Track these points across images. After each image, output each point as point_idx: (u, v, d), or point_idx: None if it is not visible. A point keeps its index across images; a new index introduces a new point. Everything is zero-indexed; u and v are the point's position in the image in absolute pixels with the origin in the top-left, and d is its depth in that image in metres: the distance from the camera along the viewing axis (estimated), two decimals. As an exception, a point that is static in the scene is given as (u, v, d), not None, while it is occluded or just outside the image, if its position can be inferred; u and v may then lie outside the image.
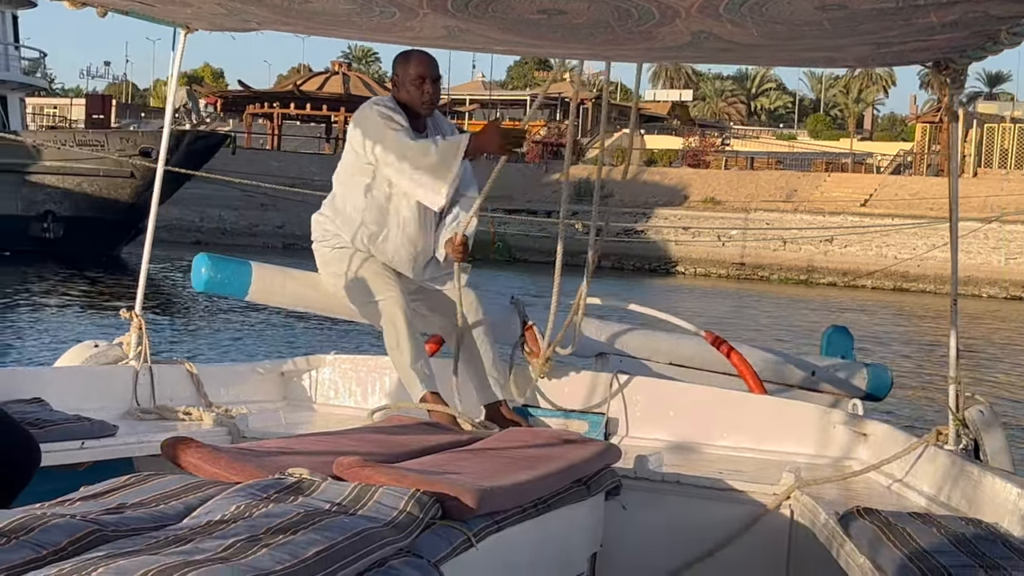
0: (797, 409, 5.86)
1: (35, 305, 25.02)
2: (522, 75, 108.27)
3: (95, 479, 3.43)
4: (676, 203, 52.13)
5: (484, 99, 77.91)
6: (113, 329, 6.07)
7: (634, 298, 6.55)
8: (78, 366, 5.76)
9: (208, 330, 20.98)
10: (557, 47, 4.94)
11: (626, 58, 5.28)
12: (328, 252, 5.91)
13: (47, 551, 2.62)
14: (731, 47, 4.36)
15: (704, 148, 63.24)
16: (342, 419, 5.95)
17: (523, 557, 3.98)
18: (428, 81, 5.70)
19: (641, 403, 5.97)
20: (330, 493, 3.30)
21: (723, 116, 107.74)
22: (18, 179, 37.49)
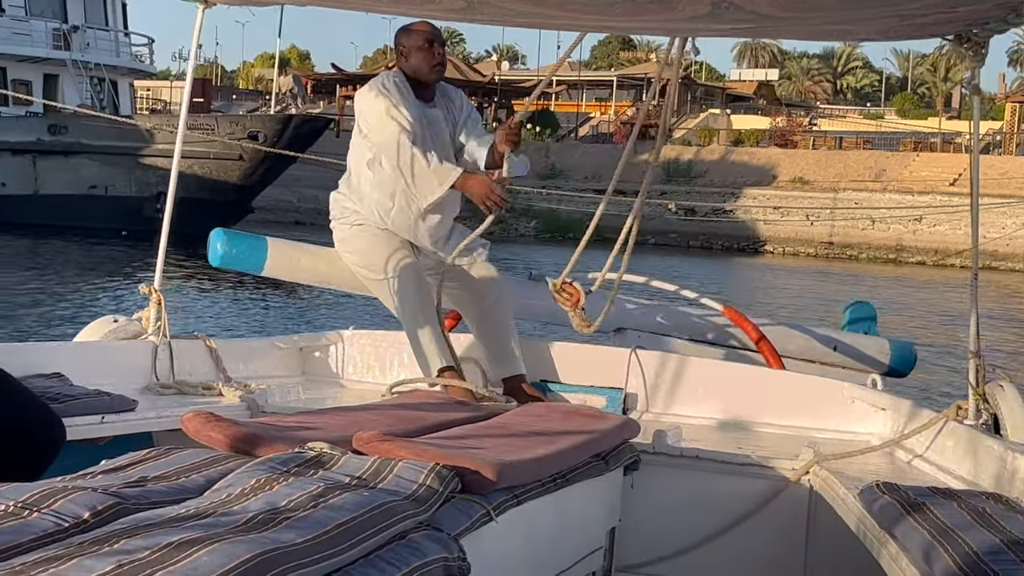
0: (817, 384, 5.85)
1: (56, 280, 25.15)
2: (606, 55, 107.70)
3: (115, 454, 3.44)
4: (765, 183, 52.16)
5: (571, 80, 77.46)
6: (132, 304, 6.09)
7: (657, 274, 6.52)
8: (97, 341, 5.78)
9: (227, 305, 21.03)
10: (577, 18, 4.91)
11: (645, 30, 5.26)
12: (346, 229, 5.90)
13: (69, 523, 2.63)
14: (751, 18, 4.33)
15: (791, 128, 62.85)
16: (361, 394, 5.96)
17: (542, 531, 3.99)
18: (436, 45, 5.69)
19: (660, 378, 5.96)
20: (350, 467, 3.30)
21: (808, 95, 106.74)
22: (132, 161, 38.15)
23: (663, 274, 5.73)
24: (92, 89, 42.71)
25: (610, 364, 6.03)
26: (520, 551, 3.84)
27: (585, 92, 76.00)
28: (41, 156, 38.15)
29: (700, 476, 4.90)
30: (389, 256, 5.77)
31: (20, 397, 4.26)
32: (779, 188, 51.76)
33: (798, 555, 4.86)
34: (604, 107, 74.01)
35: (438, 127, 5.79)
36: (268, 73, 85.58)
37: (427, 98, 5.74)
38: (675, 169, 50.66)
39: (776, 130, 61.67)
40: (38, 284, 24.25)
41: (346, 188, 5.94)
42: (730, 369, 6.00)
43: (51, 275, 26.31)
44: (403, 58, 5.75)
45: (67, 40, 42.07)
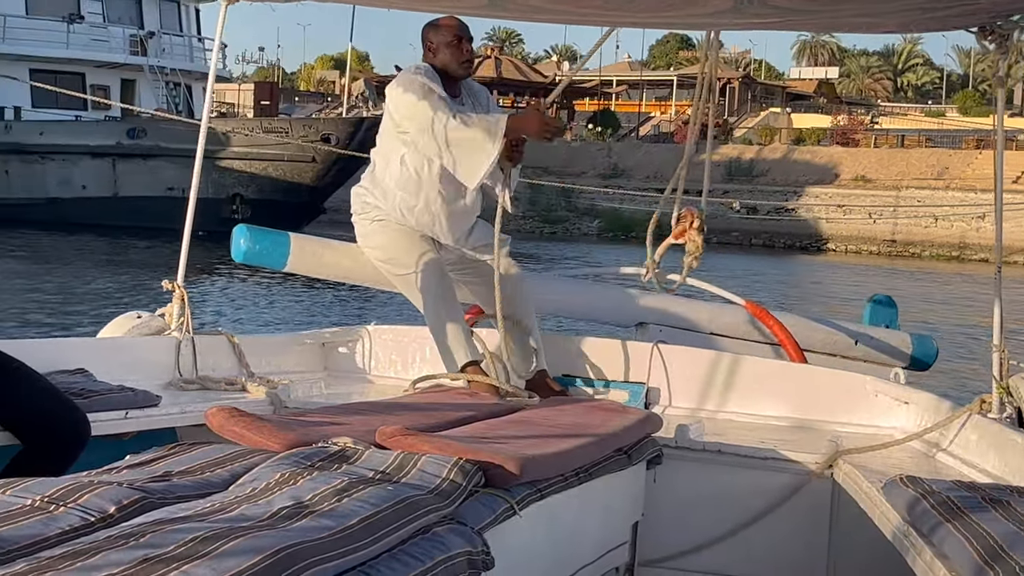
0: (839, 378, 5.83)
1: (81, 276, 25.25)
2: (664, 54, 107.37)
3: (139, 449, 3.46)
4: (827, 181, 52.13)
5: (632, 80, 77.36)
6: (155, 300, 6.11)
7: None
8: (121, 337, 5.80)
9: (249, 301, 21.09)
10: (600, 14, 4.91)
11: (669, 24, 5.25)
12: (368, 224, 5.90)
13: (95, 518, 2.65)
14: (774, 11, 4.32)
15: (853, 127, 62.62)
16: (383, 389, 5.97)
17: (565, 525, 3.99)
18: (464, 40, 5.66)
19: (682, 372, 5.95)
20: (373, 461, 3.32)
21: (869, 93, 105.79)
22: (209, 164, 38.80)
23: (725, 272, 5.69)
24: (168, 93, 43.69)
25: (632, 358, 6.03)
26: (543, 545, 3.84)
27: (645, 92, 75.84)
28: (120, 159, 38.93)
29: (723, 470, 4.90)
30: (411, 251, 5.76)
31: (45, 393, 4.30)
32: (841, 186, 51.62)
33: (821, 549, 4.86)
34: (664, 106, 73.93)
35: None
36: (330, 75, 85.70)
37: (454, 93, 5.72)
38: (737, 168, 50.59)
39: (837, 129, 61.36)
40: (65, 279, 24.41)
41: (369, 183, 5.92)
42: (752, 363, 5.98)
43: (81, 271, 26.52)
44: (431, 53, 5.72)
45: (143, 46, 43.09)
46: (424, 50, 5.74)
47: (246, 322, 17.62)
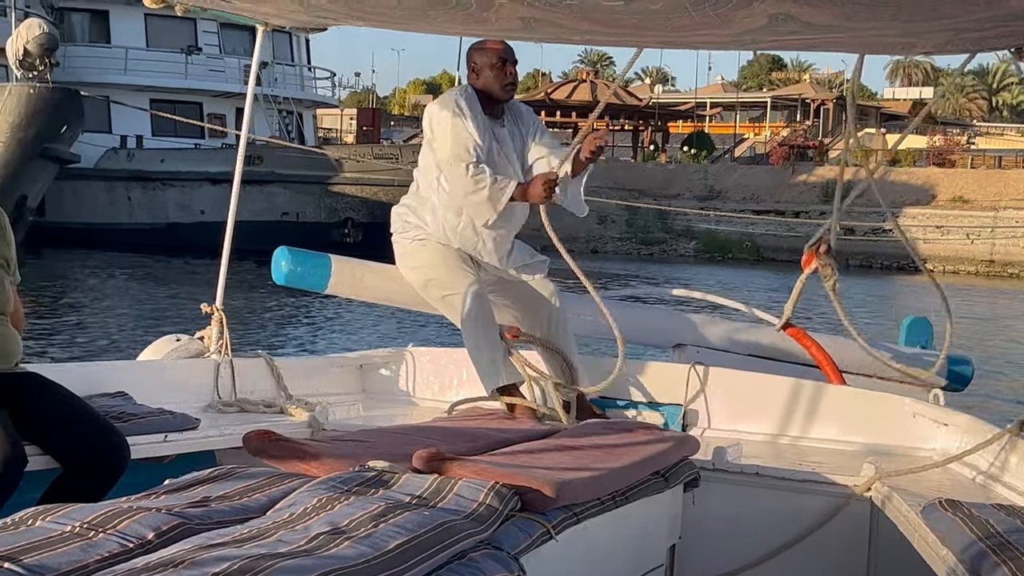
0: (877, 399, 5.80)
1: (122, 298, 25.48)
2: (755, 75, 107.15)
3: (178, 472, 3.48)
4: (923, 202, 51.79)
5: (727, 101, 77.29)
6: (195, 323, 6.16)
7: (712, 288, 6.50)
8: (160, 360, 5.84)
9: (288, 323, 21.19)
10: (633, 35, 4.91)
11: (702, 45, 5.25)
12: (407, 244, 5.91)
13: (134, 544, 2.66)
14: (807, 29, 4.31)
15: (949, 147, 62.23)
16: (420, 412, 5.99)
17: (602, 549, 3.99)
18: (508, 64, 5.69)
19: (719, 394, 5.94)
20: (410, 486, 3.33)
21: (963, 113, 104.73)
22: (322, 189, 39.78)
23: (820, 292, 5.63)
24: (280, 121, 44.71)
25: (669, 380, 6.02)
26: (580, 569, 3.84)
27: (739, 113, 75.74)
28: None
29: (761, 493, 4.88)
30: (452, 271, 5.77)
31: (86, 417, 4.33)
32: (938, 207, 51.23)
33: (860, 573, 4.83)
34: (758, 128, 73.80)
35: (507, 146, 5.79)
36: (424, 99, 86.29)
37: (496, 115, 5.75)
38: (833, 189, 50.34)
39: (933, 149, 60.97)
40: (110, 303, 24.70)
41: (413, 201, 5.93)
42: (790, 385, 5.96)
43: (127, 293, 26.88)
44: (474, 75, 5.76)
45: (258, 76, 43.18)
46: (468, 71, 5.78)
47: (284, 344, 17.71)
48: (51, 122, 32.83)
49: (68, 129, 33.97)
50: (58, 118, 33.01)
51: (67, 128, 33.85)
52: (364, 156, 39.97)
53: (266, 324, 20.51)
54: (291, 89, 46.25)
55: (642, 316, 7.13)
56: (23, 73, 32.32)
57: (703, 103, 71.43)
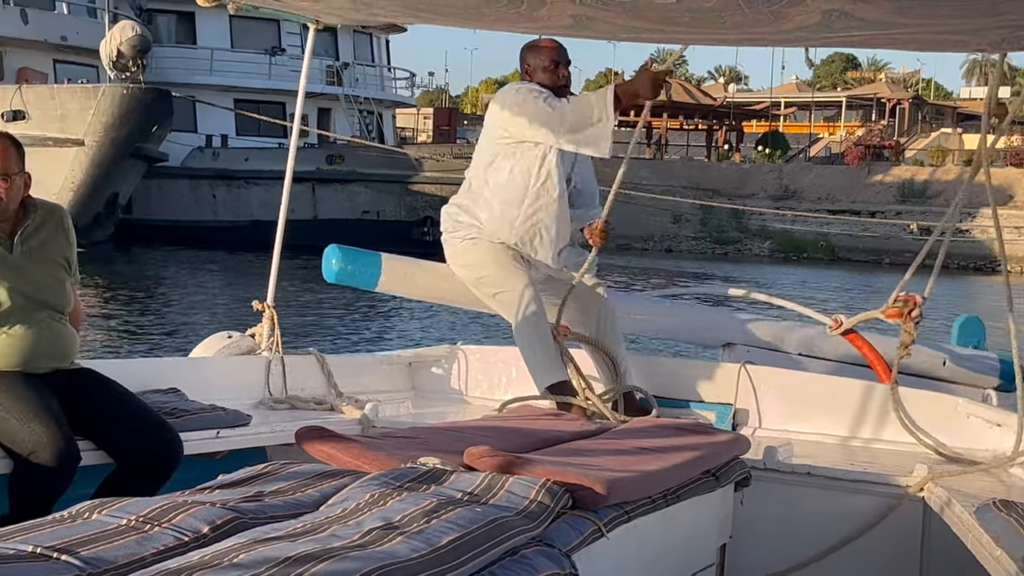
0: (929, 399, 5.75)
1: (174, 295, 25.72)
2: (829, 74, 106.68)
3: (229, 467, 3.50)
4: (1001, 202, 51.33)
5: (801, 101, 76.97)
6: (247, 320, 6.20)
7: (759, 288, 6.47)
8: (212, 356, 5.87)
9: (337, 320, 21.28)
10: (685, 33, 4.89)
11: (755, 41, 5.22)
12: (458, 243, 5.92)
13: (189, 537, 2.68)
14: (862, 25, 4.27)
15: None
16: (470, 410, 5.99)
17: (653, 547, 3.97)
18: (561, 65, 5.69)
19: (769, 393, 5.91)
20: (462, 482, 3.33)
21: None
22: (402, 188, 40.46)
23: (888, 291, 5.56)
24: (361, 120, 45.54)
25: (720, 379, 5.99)
26: (631, 567, 3.83)
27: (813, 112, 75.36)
28: (319, 184, 40.33)
29: (812, 493, 4.85)
30: (503, 269, 5.78)
31: (140, 413, 4.37)
32: (1017, 207, 50.76)
33: (912, 574, 4.79)
34: (833, 127, 73.42)
35: None
36: None
37: None
38: (909, 189, 50.21)
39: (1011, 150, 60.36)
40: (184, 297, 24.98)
41: (465, 200, 5.94)
42: (841, 384, 5.92)
43: (182, 289, 27.19)
44: (528, 76, 5.77)
45: (339, 76, 45.04)
46: (522, 71, 5.79)
47: (334, 341, 17.78)
48: (143, 122, 33.53)
49: (158, 129, 34.75)
50: (149, 118, 33.70)
51: (157, 128, 34.62)
52: (443, 155, 40.49)
53: (321, 321, 20.63)
54: (371, 89, 46.94)
55: (692, 315, 7.11)
56: (116, 74, 33.07)
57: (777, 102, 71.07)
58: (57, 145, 33.06)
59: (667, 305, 7.25)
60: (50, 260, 4.50)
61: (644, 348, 6.10)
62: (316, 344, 6.63)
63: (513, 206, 5.75)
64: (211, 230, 40.36)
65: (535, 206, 5.74)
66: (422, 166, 40.25)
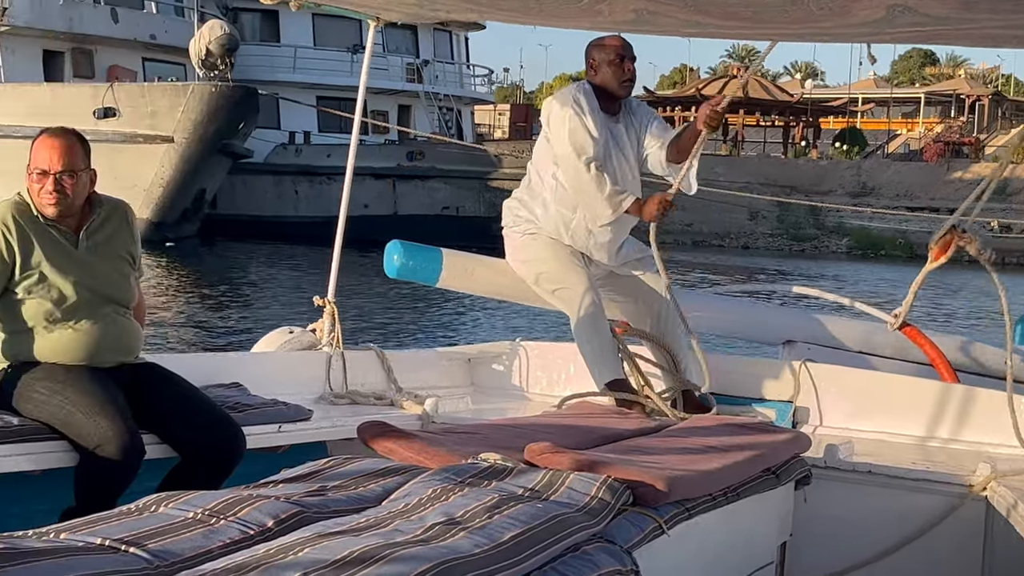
0: (992, 398, 5.70)
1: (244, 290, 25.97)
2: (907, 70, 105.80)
3: (290, 462, 3.53)
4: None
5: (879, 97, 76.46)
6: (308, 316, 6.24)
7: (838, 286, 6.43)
8: (274, 351, 5.91)
9: (397, 316, 21.37)
10: (747, 28, 4.87)
11: (817, 37, 5.18)
12: (517, 239, 5.93)
13: (254, 531, 2.71)
14: (926, 21, 4.23)
15: None
16: (529, 406, 6.00)
17: (713, 544, 3.97)
18: (627, 60, 5.69)
19: (830, 391, 5.87)
20: (523, 479, 3.34)
21: None
22: (482, 184, 40.89)
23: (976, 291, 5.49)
24: (440, 117, 46.28)
25: (779, 377, 5.96)
26: (691, 565, 3.82)
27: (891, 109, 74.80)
28: (400, 180, 41.13)
29: (873, 491, 4.82)
30: (562, 265, 5.78)
31: (203, 407, 4.41)
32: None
33: (974, 574, 4.75)
34: (911, 124, 72.76)
35: (621, 142, 5.79)
36: None
37: (613, 111, 5.76)
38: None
39: None
40: (234, 294, 25.21)
41: (525, 195, 5.95)
42: (903, 383, 5.87)
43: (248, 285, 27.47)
44: (592, 71, 5.77)
45: (419, 74, 45.94)
46: (586, 67, 5.79)
47: (394, 337, 17.86)
48: (230, 119, 34.12)
49: (244, 126, 35.33)
50: (236, 115, 34.28)
51: (244, 125, 35.20)
52: (522, 152, 40.64)
53: (381, 316, 20.74)
54: (451, 87, 47.52)
55: (751, 312, 7.09)
56: (205, 72, 33.61)
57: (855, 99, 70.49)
58: (147, 142, 33.84)
59: (726, 302, 7.23)
60: (115, 255, 4.55)
61: (703, 345, 6.05)
62: (376, 339, 6.66)
63: (567, 209, 5.77)
64: (293, 225, 40.75)
65: (585, 213, 5.74)
66: (501, 162, 40.46)
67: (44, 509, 3.85)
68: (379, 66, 44.64)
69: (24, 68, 37.40)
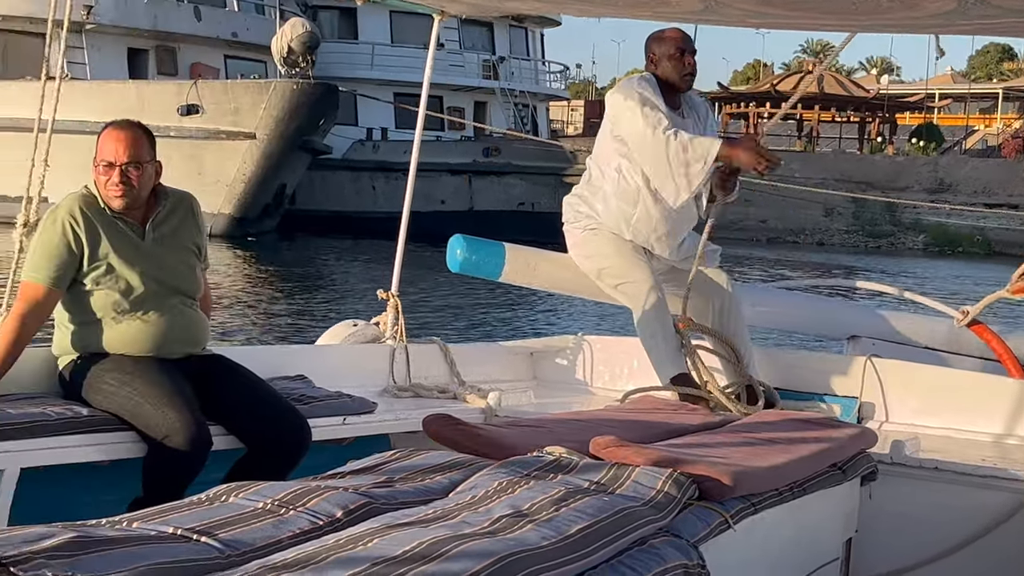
0: None
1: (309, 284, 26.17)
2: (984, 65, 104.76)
3: (355, 454, 3.55)
4: None
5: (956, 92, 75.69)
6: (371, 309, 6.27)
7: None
8: (338, 344, 5.94)
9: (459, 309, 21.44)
10: (817, 19, 4.84)
11: (887, 28, 5.14)
12: (579, 233, 5.92)
13: (323, 521, 2.73)
14: (998, 13, 4.19)
15: None
16: (592, 400, 5.99)
17: (779, 540, 3.95)
18: (687, 54, 5.66)
19: (896, 387, 5.82)
20: (588, 472, 3.34)
21: None
22: (557, 180, 40.75)
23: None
24: (516, 114, 46.49)
25: (845, 372, 5.92)
26: (757, 560, 3.81)
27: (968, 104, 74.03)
28: (476, 176, 41.51)
29: (940, 488, 4.77)
30: (624, 261, 5.76)
31: (270, 399, 4.44)
32: None
33: None
34: (988, 120, 71.95)
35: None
36: None
37: (675, 105, 5.73)
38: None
39: None
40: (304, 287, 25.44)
41: (585, 191, 5.94)
42: (969, 379, 5.81)
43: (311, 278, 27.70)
44: (653, 64, 5.74)
45: (495, 70, 46.30)
46: (647, 61, 5.76)
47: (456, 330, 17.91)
48: (311, 116, 34.40)
49: (324, 122, 35.65)
50: (317, 112, 34.56)
51: (324, 121, 35.51)
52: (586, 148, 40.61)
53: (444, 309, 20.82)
54: (526, 83, 47.63)
55: (816, 307, 7.04)
56: (287, 70, 33.88)
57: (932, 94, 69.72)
58: (230, 138, 34.17)
59: (790, 297, 7.18)
60: (181, 246, 4.58)
61: (767, 340, 6.03)
62: (439, 333, 6.67)
63: (628, 204, 5.74)
64: (370, 220, 40.68)
65: (648, 207, 5.71)
66: (576, 159, 40.17)
67: (113, 499, 3.89)
68: (455, 63, 44.77)
69: (109, 66, 37.70)
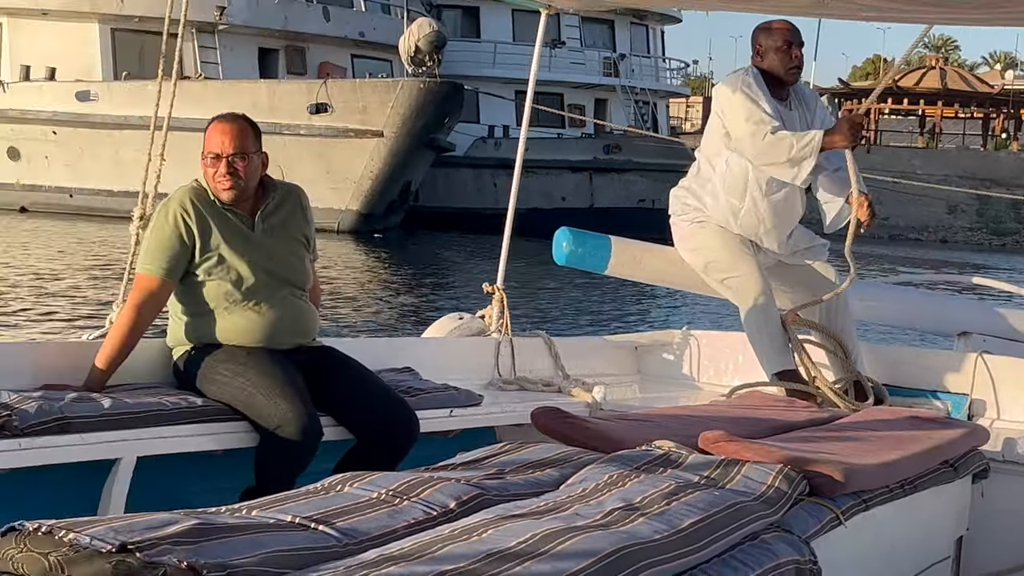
0: None
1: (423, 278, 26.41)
2: None
3: (462, 446, 3.57)
4: None
5: None
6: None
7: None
8: (444, 337, 5.98)
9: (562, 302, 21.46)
10: (930, 11, 4.78)
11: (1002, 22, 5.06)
12: (686, 227, 5.90)
13: (437, 512, 2.75)
14: None
15: None
16: (697, 395, 5.97)
17: (890, 537, 3.91)
18: (795, 46, 5.61)
19: (1007, 384, 5.72)
20: (698, 466, 3.33)
21: None
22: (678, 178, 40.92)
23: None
24: (637, 111, 46.54)
25: (954, 369, 5.84)
26: (868, 557, 3.78)
27: None
28: (596, 173, 41.74)
29: None
30: (731, 254, 5.73)
31: (379, 391, 4.48)
32: None
33: None
34: None
35: (794, 128, 5.70)
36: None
37: (782, 97, 5.69)
38: None
39: None
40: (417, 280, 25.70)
41: (693, 184, 5.93)
42: None
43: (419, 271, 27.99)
44: (759, 57, 5.70)
45: (616, 67, 46.28)
46: (753, 53, 5.72)
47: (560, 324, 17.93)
48: (437, 114, 34.83)
49: (449, 120, 36.13)
50: (443, 110, 34.99)
51: (449, 119, 35.99)
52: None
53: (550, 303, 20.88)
54: (647, 80, 47.56)
55: (925, 303, 6.94)
56: (414, 68, 34.29)
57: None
58: (358, 136, 34.68)
59: (899, 292, 7.09)
60: (290, 238, 4.63)
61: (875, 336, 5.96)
62: (544, 326, 6.69)
63: (735, 197, 5.71)
64: (492, 217, 41.23)
65: (756, 199, 5.68)
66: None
67: (226, 488, 3.95)
68: (576, 60, 45.23)
69: (241, 65, 38.39)
